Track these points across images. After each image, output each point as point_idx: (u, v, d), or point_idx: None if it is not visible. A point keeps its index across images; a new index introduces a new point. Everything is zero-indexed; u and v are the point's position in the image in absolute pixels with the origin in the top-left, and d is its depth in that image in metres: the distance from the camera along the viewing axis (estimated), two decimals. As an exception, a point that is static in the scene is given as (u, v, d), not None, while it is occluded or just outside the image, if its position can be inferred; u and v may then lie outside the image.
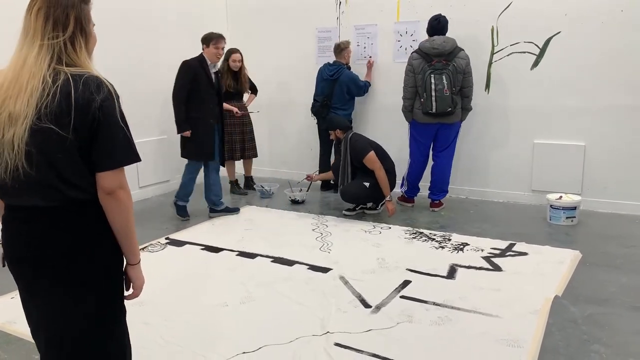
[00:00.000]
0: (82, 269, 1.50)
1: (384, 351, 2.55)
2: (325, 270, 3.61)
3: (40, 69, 1.41)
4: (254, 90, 5.92)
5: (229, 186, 5.96)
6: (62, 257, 1.48)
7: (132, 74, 5.39)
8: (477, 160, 5.45)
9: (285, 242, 4.20)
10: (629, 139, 4.76)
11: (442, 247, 4.02)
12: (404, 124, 5.19)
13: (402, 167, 5.22)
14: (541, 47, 4.96)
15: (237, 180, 6.00)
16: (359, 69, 5.81)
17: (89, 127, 1.42)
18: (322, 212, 5.10)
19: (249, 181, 6.09)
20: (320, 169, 5.93)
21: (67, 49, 1.45)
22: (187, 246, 4.17)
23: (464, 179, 5.53)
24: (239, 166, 6.10)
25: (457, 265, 3.66)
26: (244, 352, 2.56)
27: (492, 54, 5.18)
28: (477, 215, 4.92)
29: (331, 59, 5.88)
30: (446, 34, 4.77)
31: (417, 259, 3.78)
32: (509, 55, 5.11)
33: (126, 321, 1.67)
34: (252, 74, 5.89)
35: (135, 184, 5.59)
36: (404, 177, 5.26)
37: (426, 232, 4.41)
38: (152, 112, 5.70)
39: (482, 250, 3.95)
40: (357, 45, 5.87)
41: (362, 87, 5.62)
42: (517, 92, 5.16)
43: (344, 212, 4.95)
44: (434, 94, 4.65)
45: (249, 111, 5.84)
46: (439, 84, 4.64)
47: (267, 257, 3.89)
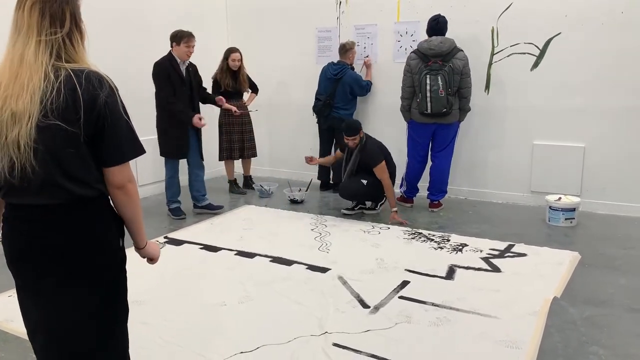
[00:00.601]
0: (85, 267, 1.49)
1: (383, 352, 2.54)
2: (324, 270, 3.61)
3: (40, 66, 1.40)
4: (254, 89, 5.91)
5: (228, 185, 5.96)
6: (64, 256, 1.47)
7: (131, 73, 5.36)
8: (476, 160, 5.45)
9: (284, 242, 4.20)
10: (628, 141, 4.76)
11: (441, 248, 4.02)
12: (403, 124, 5.19)
13: (401, 167, 5.21)
14: (541, 48, 4.96)
15: (236, 179, 5.99)
16: (359, 69, 5.80)
17: (94, 123, 1.43)
18: (321, 212, 5.10)
19: (248, 180, 6.09)
20: (320, 169, 5.93)
21: (65, 45, 1.45)
22: (185, 245, 4.17)
23: (463, 180, 5.53)
24: (238, 165, 6.09)
25: (455, 266, 3.65)
26: (242, 352, 2.56)
27: (492, 54, 5.18)
28: (476, 216, 4.92)
29: (331, 58, 5.89)
30: (445, 35, 4.77)
31: (416, 259, 3.78)
32: (509, 56, 5.11)
33: (127, 321, 1.67)
34: (252, 74, 5.89)
35: (134, 182, 5.58)
36: (402, 178, 5.26)
37: (425, 232, 4.40)
38: (151, 111, 5.67)
39: (481, 251, 3.94)
40: (357, 45, 5.86)
41: (365, 87, 5.63)
42: (516, 93, 5.16)
43: (342, 211, 4.95)
44: (429, 94, 4.66)
45: (248, 110, 5.83)
46: (434, 85, 4.64)
47: (266, 256, 3.88)
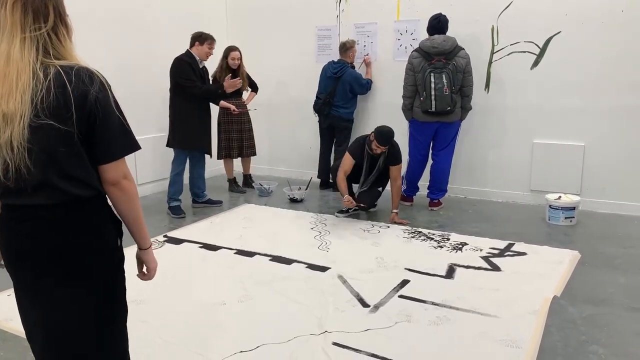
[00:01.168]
0: (83, 267, 1.48)
1: (382, 351, 2.54)
2: (323, 269, 3.60)
3: (27, 64, 1.37)
4: (254, 88, 5.90)
5: (227, 184, 5.95)
6: (61, 256, 1.46)
7: (131, 72, 5.37)
8: (476, 159, 5.45)
9: (283, 241, 4.19)
10: (628, 140, 4.75)
11: (441, 247, 4.02)
12: (403, 122, 5.17)
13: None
14: (541, 46, 4.96)
15: (235, 178, 5.99)
16: (359, 68, 5.80)
17: (86, 120, 1.41)
18: (321, 210, 5.09)
19: (248, 179, 6.08)
20: (320, 168, 5.92)
21: (52, 41, 1.42)
22: (185, 244, 4.16)
23: (463, 179, 5.52)
24: (237, 164, 6.09)
25: (455, 265, 3.65)
26: (242, 351, 2.55)
27: (492, 53, 5.18)
28: (476, 214, 4.92)
29: (331, 57, 5.88)
30: (446, 33, 4.76)
31: (416, 258, 3.77)
32: (509, 54, 5.11)
33: (126, 321, 1.66)
34: (252, 72, 5.87)
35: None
36: (403, 176, 5.24)
37: (425, 231, 4.40)
38: (151, 109, 5.67)
39: (481, 250, 3.94)
40: (357, 43, 5.85)
41: (365, 86, 5.62)
42: (516, 91, 5.15)
43: (336, 213, 4.91)
44: (433, 92, 4.65)
45: (247, 109, 5.82)
46: (438, 83, 4.63)
47: (266, 255, 3.88)
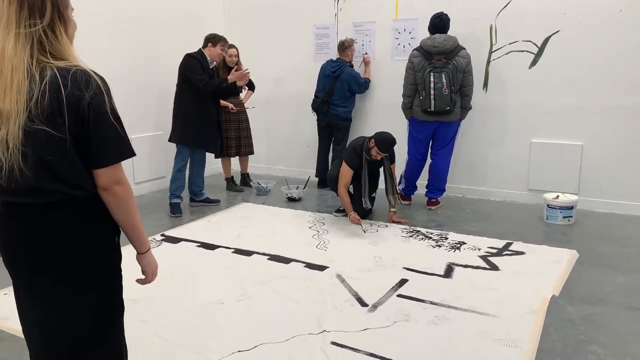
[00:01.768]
0: (79, 266, 1.48)
1: (381, 350, 2.54)
2: (321, 268, 3.59)
3: (21, 61, 1.35)
4: (251, 86, 5.88)
5: (225, 183, 5.94)
6: (59, 254, 1.45)
7: (128, 70, 5.35)
8: (474, 158, 5.45)
9: (281, 240, 4.18)
10: (626, 139, 4.76)
11: (439, 246, 4.01)
12: (402, 121, 5.17)
13: (399, 165, 5.19)
14: (540, 46, 4.95)
15: (233, 177, 5.97)
16: (357, 66, 5.79)
17: (79, 125, 1.39)
18: (319, 209, 5.08)
19: (245, 178, 6.07)
20: (318, 167, 5.91)
21: (47, 37, 1.39)
22: (182, 243, 4.15)
23: (461, 178, 5.52)
24: (235, 163, 6.07)
25: (454, 264, 3.65)
26: (240, 351, 2.54)
27: (491, 52, 5.17)
28: (474, 214, 4.92)
29: (329, 56, 5.88)
30: (448, 32, 4.75)
31: (414, 257, 3.77)
32: (507, 54, 5.10)
33: (123, 320, 1.65)
34: (249, 71, 5.85)
35: (130, 180, 5.48)
36: (401, 175, 5.24)
37: (423, 230, 4.39)
38: (148, 108, 5.66)
39: (479, 249, 3.94)
40: (356, 42, 5.84)
41: (363, 85, 5.61)
42: (515, 91, 5.15)
43: (334, 213, 4.90)
44: (432, 92, 4.64)
45: (245, 107, 5.80)
46: (438, 83, 4.62)
47: (264, 254, 3.87)
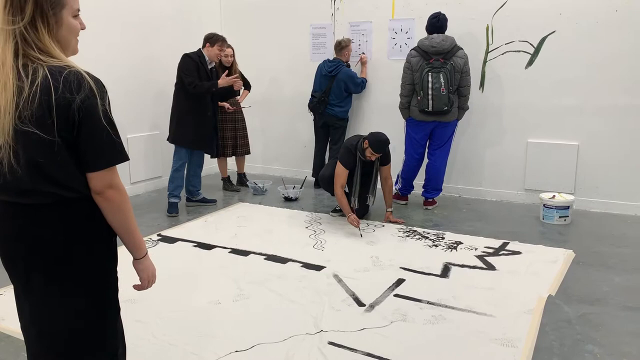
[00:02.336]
0: (72, 266, 1.47)
1: (378, 350, 2.53)
2: (318, 268, 3.59)
3: (7, 57, 1.34)
4: (247, 86, 5.88)
5: (221, 183, 5.93)
6: (52, 254, 1.44)
7: (124, 70, 5.34)
8: (470, 158, 5.45)
9: (278, 240, 4.18)
10: (622, 139, 4.77)
11: (436, 246, 4.01)
12: (398, 121, 5.18)
13: (396, 164, 5.20)
14: (536, 46, 4.97)
15: (229, 177, 5.96)
16: (354, 66, 5.79)
17: (70, 128, 1.37)
18: (316, 209, 5.08)
19: (242, 178, 6.06)
20: (314, 166, 5.91)
21: (30, 36, 1.37)
22: (179, 243, 4.14)
23: (458, 177, 5.53)
24: (231, 163, 6.06)
25: (450, 263, 3.65)
26: (237, 351, 2.54)
27: (487, 52, 5.18)
28: (471, 213, 4.92)
29: (326, 55, 5.88)
30: (445, 32, 4.76)
31: (411, 257, 3.77)
32: (503, 54, 5.11)
33: (120, 319, 1.64)
34: (246, 70, 5.85)
35: (126, 179, 5.55)
36: (398, 175, 5.24)
37: (420, 230, 4.40)
38: (144, 107, 5.64)
39: (476, 249, 3.94)
40: (352, 42, 5.84)
41: (360, 85, 5.61)
42: (511, 91, 5.16)
43: (330, 213, 4.89)
44: (430, 92, 4.64)
45: (241, 107, 5.80)
46: (436, 83, 4.62)
47: (260, 254, 3.86)
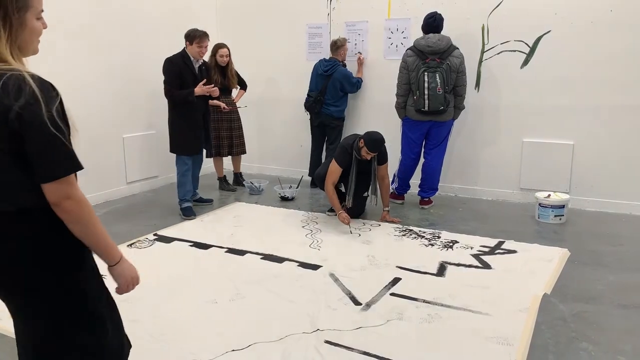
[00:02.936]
0: (35, 277, 1.40)
1: (374, 349, 2.54)
2: (315, 267, 3.60)
3: None
4: (243, 85, 5.87)
5: (217, 183, 5.92)
6: (13, 265, 1.39)
7: (119, 69, 5.32)
8: (466, 158, 5.47)
9: (274, 239, 4.18)
10: (617, 138, 4.79)
11: (432, 245, 4.02)
12: (394, 121, 5.19)
13: (393, 164, 5.21)
14: (531, 45, 4.98)
15: (225, 176, 5.96)
16: (350, 66, 5.80)
17: (11, 138, 1.28)
18: (312, 209, 5.08)
19: (238, 177, 6.05)
20: (311, 166, 5.91)
21: None
22: (175, 242, 4.14)
23: (454, 177, 5.54)
24: (227, 162, 6.06)
25: (446, 262, 3.66)
26: (234, 350, 2.54)
27: (483, 52, 5.19)
28: (466, 213, 4.94)
29: (322, 55, 5.88)
30: (441, 32, 4.77)
31: (407, 256, 3.78)
32: (499, 53, 5.13)
33: (108, 328, 1.57)
34: (242, 70, 5.85)
35: (123, 179, 5.55)
36: (394, 174, 5.25)
37: (416, 229, 4.41)
38: (139, 107, 5.63)
39: (472, 247, 3.96)
40: (348, 42, 5.85)
41: (355, 84, 5.61)
42: (506, 90, 5.17)
43: (327, 212, 4.89)
44: (427, 92, 4.65)
45: (237, 107, 5.79)
46: (432, 82, 4.63)
47: (257, 254, 3.86)
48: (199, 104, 4.74)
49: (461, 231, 4.34)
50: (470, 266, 3.61)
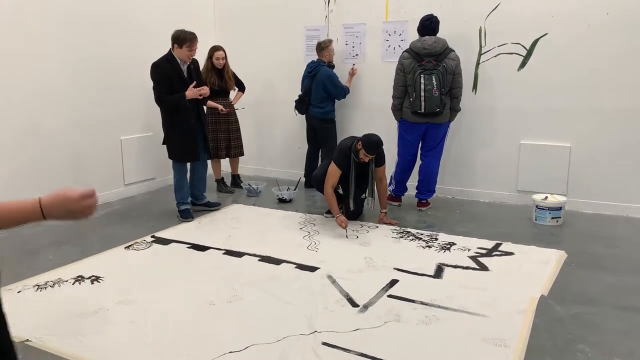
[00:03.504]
0: None
1: (372, 350, 2.54)
2: (312, 269, 3.60)
3: None
4: (240, 87, 5.88)
5: (215, 184, 5.92)
6: None
7: (117, 71, 5.33)
8: (463, 160, 5.48)
9: (272, 241, 4.18)
10: (614, 140, 4.81)
11: (429, 247, 4.03)
12: (391, 123, 5.19)
13: (390, 166, 5.21)
14: (528, 48, 5.00)
15: (223, 178, 5.96)
16: (348, 68, 5.81)
17: None
18: (310, 211, 5.08)
19: (236, 179, 6.05)
20: (305, 168, 5.94)
21: None
22: (173, 244, 4.13)
23: (451, 179, 5.55)
24: (225, 164, 6.06)
25: (444, 264, 3.66)
26: (231, 352, 2.54)
27: (480, 54, 5.21)
28: (464, 215, 4.95)
29: (320, 57, 5.90)
30: (437, 34, 4.78)
31: (405, 258, 3.78)
32: (496, 56, 5.14)
33: None
34: (240, 71, 5.86)
35: (120, 181, 5.54)
36: (391, 176, 5.26)
37: (413, 231, 4.41)
38: (136, 109, 5.63)
39: (469, 249, 3.96)
40: (346, 44, 5.86)
41: (339, 88, 5.54)
42: (504, 92, 5.19)
43: (325, 214, 4.88)
44: (423, 94, 4.66)
45: (234, 108, 5.79)
46: (428, 84, 4.64)
47: (254, 255, 3.86)
48: (192, 107, 4.64)
49: (458, 233, 4.35)
50: (467, 268, 3.61)
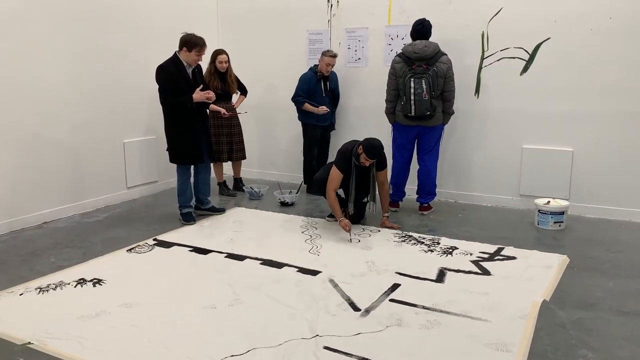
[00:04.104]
0: None
1: (373, 355, 2.54)
2: (314, 272, 3.60)
3: None
4: (243, 91, 5.89)
5: (217, 188, 5.92)
6: None
7: (119, 74, 5.34)
8: (466, 164, 5.48)
9: (274, 245, 4.18)
10: (616, 145, 4.80)
11: (431, 251, 4.03)
12: (389, 126, 5.19)
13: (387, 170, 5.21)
14: (531, 52, 5.00)
15: (225, 181, 5.97)
16: (350, 72, 5.82)
17: None
18: (312, 214, 5.09)
19: (238, 183, 6.06)
20: (303, 172, 5.93)
21: None
22: (175, 247, 4.14)
23: (453, 183, 5.55)
24: (227, 168, 6.07)
25: (446, 268, 3.66)
26: (233, 355, 2.54)
27: (482, 59, 5.21)
28: (466, 219, 4.94)
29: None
30: (429, 39, 4.79)
31: (407, 262, 3.78)
32: (499, 60, 5.14)
33: None
34: (242, 75, 5.87)
35: (123, 184, 5.55)
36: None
37: (415, 235, 4.41)
38: (139, 112, 5.65)
39: (471, 254, 3.96)
40: (348, 48, 5.88)
41: (294, 94, 5.71)
42: (506, 97, 5.19)
43: (327, 218, 4.90)
44: (412, 97, 4.69)
45: (237, 112, 5.80)
46: (418, 88, 4.66)
47: (256, 259, 3.87)
48: (197, 111, 4.65)
49: (460, 237, 4.34)
50: (469, 272, 3.61)
